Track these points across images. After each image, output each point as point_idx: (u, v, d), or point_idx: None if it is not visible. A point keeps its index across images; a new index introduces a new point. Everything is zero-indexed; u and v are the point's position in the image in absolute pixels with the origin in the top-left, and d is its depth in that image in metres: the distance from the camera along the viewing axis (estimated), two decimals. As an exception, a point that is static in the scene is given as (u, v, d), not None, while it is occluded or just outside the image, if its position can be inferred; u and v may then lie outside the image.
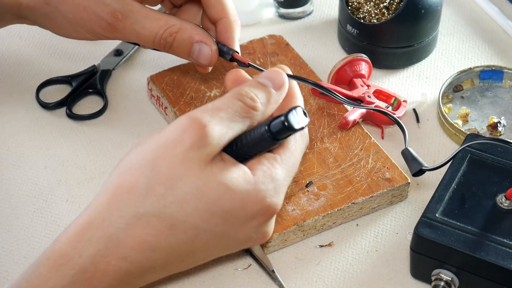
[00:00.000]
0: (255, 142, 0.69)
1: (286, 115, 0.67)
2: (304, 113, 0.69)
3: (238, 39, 0.86)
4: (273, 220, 0.72)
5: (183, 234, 0.67)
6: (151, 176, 0.67)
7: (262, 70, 0.76)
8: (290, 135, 0.70)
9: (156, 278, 0.70)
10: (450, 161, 0.80)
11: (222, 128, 0.68)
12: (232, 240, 0.70)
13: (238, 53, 0.83)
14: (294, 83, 0.75)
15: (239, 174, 0.68)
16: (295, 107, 0.68)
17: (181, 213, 0.67)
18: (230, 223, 0.69)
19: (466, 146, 0.81)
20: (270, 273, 0.79)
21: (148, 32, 0.84)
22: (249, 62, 0.82)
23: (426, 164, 0.79)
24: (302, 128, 0.68)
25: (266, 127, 0.68)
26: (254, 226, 0.70)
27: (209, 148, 0.67)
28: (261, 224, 0.70)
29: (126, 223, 0.66)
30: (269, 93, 0.71)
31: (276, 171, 0.70)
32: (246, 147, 0.69)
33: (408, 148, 0.79)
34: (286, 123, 0.67)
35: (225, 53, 0.83)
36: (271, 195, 0.70)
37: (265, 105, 0.70)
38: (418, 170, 0.77)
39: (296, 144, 0.72)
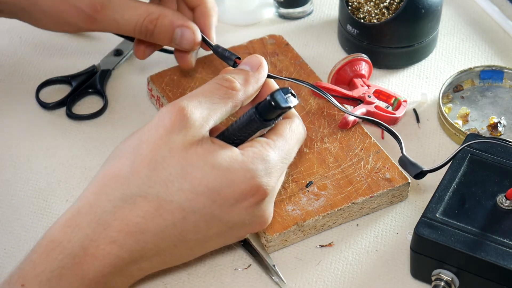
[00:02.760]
0: (245, 124, 0.71)
1: (272, 94, 0.70)
2: (293, 95, 0.71)
3: (214, 26, 0.87)
4: (268, 205, 0.72)
5: (171, 215, 0.68)
6: (135, 159, 0.68)
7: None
8: (279, 115, 0.71)
9: (151, 266, 0.70)
10: (450, 162, 0.79)
11: (203, 111, 0.69)
12: (224, 223, 0.70)
13: (239, 58, 0.83)
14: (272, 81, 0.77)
15: (226, 154, 0.69)
16: (283, 88, 0.70)
17: (166, 193, 0.67)
18: (219, 204, 0.69)
19: (466, 146, 0.81)
20: (271, 268, 0.79)
21: (128, 21, 0.84)
22: None
23: (425, 167, 0.79)
24: (289, 107, 0.70)
25: (254, 108, 0.70)
26: (246, 207, 0.70)
27: (192, 130, 0.68)
28: (253, 206, 0.70)
29: (113, 206, 0.67)
30: (246, 73, 0.73)
31: (268, 153, 0.71)
32: (237, 130, 0.71)
33: (405, 154, 0.79)
34: (272, 102, 0.69)
35: (227, 58, 0.82)
36: (261, 175, 0.70)
37: (243, 84, 0.72)
38: (418, 172, 0.77)
39: (292, 134, 0.73)
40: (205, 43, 0.86)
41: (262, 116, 0.70)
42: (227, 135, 0.71)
